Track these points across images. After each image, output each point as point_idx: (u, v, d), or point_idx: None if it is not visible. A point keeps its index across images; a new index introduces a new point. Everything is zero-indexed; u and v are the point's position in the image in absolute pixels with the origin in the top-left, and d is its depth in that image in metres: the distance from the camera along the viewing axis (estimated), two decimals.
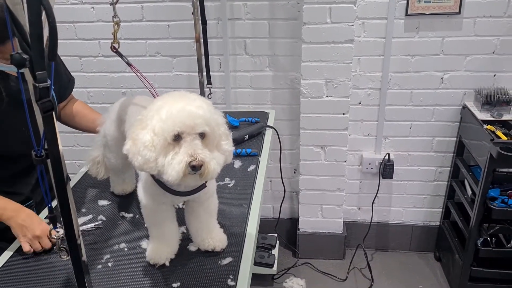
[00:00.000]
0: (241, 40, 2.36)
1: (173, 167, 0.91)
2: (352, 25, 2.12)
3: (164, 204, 1.11)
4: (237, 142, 1.70)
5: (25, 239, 1.20)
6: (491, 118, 2.15)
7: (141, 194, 1.12)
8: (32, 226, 1.21)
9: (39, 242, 1.19)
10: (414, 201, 2.62)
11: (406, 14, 2.18)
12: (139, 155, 0.94)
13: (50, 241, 1.19)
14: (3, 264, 1.17)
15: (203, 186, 1.07)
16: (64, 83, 1.58)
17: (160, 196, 1.08)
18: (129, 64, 1.35)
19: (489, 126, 2.06)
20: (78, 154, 2.65)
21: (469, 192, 2.26)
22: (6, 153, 1.36)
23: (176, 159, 0.91)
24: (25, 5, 0.66)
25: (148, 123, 0.96)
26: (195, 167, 0.91)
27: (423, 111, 2.38)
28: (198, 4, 1.98)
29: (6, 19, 0.68)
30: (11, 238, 1.26)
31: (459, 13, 2.15)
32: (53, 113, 0.72)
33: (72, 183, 1.54)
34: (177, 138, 0.93)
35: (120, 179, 1.44)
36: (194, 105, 0.95)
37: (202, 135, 0.95)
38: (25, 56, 0.67)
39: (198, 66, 2.14)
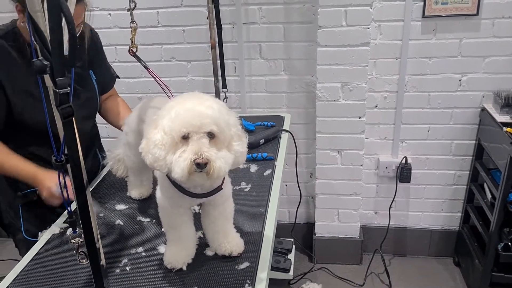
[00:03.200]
0: (256, 44, 2.36)
1: (179, 164, 0.93)
2: (368, 28, 2.10)
3: (181, 207, 1.12)
4: (252, 146, 1.70)
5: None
6: (511, 121, 2.10)
7: (159, 197, 1.13)
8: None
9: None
10: (432, 205, 2.58)
11: (423, 16, 2.16)
12: (149, 153, 0.97)
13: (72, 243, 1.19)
14: (23, 269, 1.18)
15: (219, 188, 1.07)
16: (107, 78, 1.70)
17: (177, 199, 1.09)
18: (146, 68, 1.37)
19: (508, 129, 2.02)
20: None
21: (489, 196, 2.22)
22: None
23: (182, 156, 0.93)
24: (46, 12, 0.67)
25: (159, 122, 0.98)
26: (199, 165, 0.92)
27: (441, 114, 2.35)
28: (213, 9, 1.99)
29: None
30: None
31: (477, 14, 2.12)
32: (73, 118, 0.72)
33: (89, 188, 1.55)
34: (185, 137, 0.95)
35: (138, 180, 1.45)
36: (204, 105, 0.97)
37: (211, 135, 0.96)
38: (45, 62, 0.68)
39: (214, 70, 2.14)
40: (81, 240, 1.02)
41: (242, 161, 1.04)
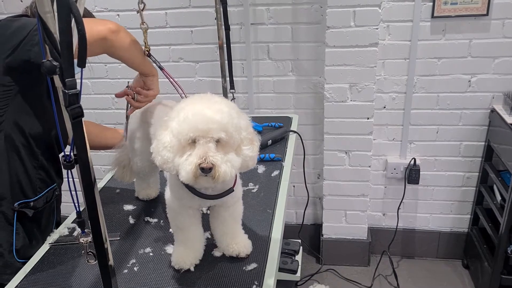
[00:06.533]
0: (264, 44, 2.36)
1: (185, 168, 0.93)
2: (377, 28, 2.09)
3: (191, 208, 1.12)
4: (260, 147, 1.69)
5: None
6: None
7: (168, 197, 1.13)
8: None
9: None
10: (441, 207, 2.56)
11: (432, 17, 2.15)
12: (158, 155, 0.98)
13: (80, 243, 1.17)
14: (31, 269, 1.19)
15: (230, 190, 1.07)
16: None
17: (187, 200, 1.08)
18: (161, 68, 1.37)
19: None
20: (103, 159, 2.69)
21: (498, 197, 2.20)
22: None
23: (188, 160, 0.93)
24: (56, 13, 0.68)
25: (169, 124, 0.98)
26: (204, 169, 0.91)
27: (450, 115, 2.34)
28: (221, 9, 1.99)
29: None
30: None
31: (487, 14, 2.10)
32: (82, 119, 0.73)
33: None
34: (193, 140, 0.94)
35: (145, 183, 1.45)
36: (213, 109, 0.95)
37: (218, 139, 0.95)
38: (55, 63, 0.68)
39: (221, 71, 2.14)
40: (89, 240, 1.02)
41: (252, 165, 1.03)
